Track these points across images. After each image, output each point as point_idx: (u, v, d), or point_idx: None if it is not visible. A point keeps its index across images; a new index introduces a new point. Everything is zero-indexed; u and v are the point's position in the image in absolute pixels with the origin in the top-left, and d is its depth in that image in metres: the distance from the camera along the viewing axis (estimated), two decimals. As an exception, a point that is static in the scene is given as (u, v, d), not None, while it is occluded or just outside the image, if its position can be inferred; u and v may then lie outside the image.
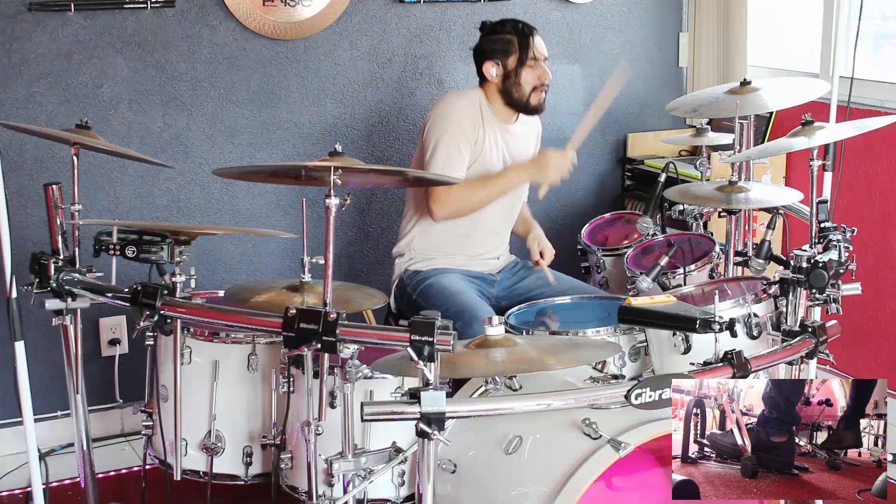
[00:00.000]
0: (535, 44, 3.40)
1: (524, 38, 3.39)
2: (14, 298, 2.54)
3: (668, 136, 4.15)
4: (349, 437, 2.44)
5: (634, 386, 2.03)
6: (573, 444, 2.29)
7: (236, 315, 2.40)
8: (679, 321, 2.24)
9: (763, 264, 3.17)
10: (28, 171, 3.65)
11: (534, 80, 3.39)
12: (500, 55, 3.39)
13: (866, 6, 3.69)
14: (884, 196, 3.96)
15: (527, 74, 3.38)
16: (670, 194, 3.08)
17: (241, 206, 4.00)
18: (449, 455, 2.48)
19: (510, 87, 3.39)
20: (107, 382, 3.23)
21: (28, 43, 3.59)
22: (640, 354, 2.86)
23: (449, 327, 2.03)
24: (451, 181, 2.93)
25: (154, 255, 2.49)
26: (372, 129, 4.15)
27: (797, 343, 2.36)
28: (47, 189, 2.68)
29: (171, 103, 3.82)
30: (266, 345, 2.76)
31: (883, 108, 3.89)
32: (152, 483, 3.10)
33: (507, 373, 2.55)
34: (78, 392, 2.79)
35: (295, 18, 3.92)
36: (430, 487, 2.03)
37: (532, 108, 3.43)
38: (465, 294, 3.26)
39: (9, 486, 3.51)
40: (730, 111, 3.13)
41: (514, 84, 3.39)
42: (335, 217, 2.28)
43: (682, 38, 4.63)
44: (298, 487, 2.69)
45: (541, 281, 3.49)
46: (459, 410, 2.04)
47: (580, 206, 4.52)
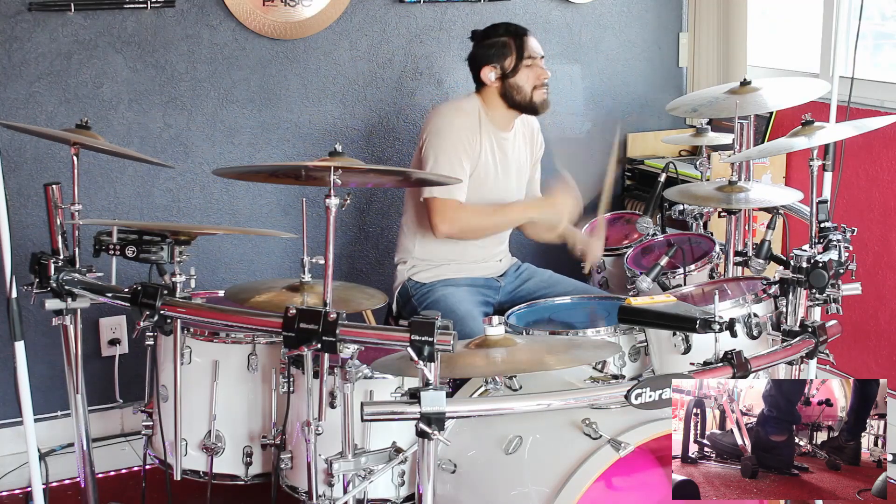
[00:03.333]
0: (530, 43, 3.39)
1: (519, 39, 3.38)
2: (14, 298, 2.53)
3: (668, 136, 4.15)
4: (349, 437, 2.44)
5: (634, 386, 2.03)
6: (573, 444, 2.30)
7: (236, 315, 2.40)
8: (679, 321, 2.24)
9: (763, 264, 3.17)
10: (28, 171, 3.65)
11: (534, 80, 3.37)
12: (497, 59, 3.38)
13: (866, 6, 3.69)
14: (884, 196, 3.96)
15: (526, 74, 3.37)
16: (670, 194, 3.08)
17: (241, 206, 4.00)
18: (449, 455, 2.48)
19: (510, 90, 3.38)
20: (107, 382, 3.24)
21: (28, 43, 3.59)
22: (640, 354, 2.86)
23: (449, 327, 2.03)
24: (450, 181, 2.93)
25: (154, 255, 2.49)
26: (372, 129, 4.15)
27: (797, 343, 2.37)
28: (47, 189, 2.68)
29: (171, 103, 3.82)
30: (266, 345, 2.76)
31: (883, 108, 3.89)
32: (152, 483, 3.10)
33: (507, 373, 2.55)
34: (78, 392, 2.79)
35: (295, 18, 3.92)
36: (430, 487, 2.03)
37: (537, 106, 3.41)
38: (471, 319, 3.21)
39: (9, 486, 3.51)
40: (730, 111, 3.13)
41: (514, 86, 3.37)
42: (335, 217, 2.28)
43: (682, 38, 4.63)
44: (298, 487, 2.69)
45: (544, 283, 3.49)
46: (459, 410, 2.04)
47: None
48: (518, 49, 3.37)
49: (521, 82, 3.37)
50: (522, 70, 3.37)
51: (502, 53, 3.38)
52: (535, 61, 3.38)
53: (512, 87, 3.38)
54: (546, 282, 3.49)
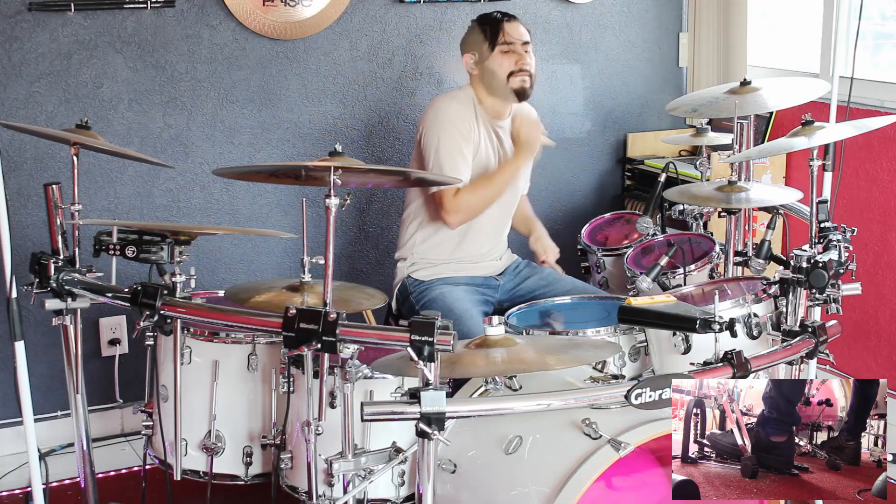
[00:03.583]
0: (509, 29, 3.37)
1: (495, 24, 3.38)
2: (14, 298, 2.53)
3: (668, 136, 4.15)
4: (349, 437, 2.44)
5: (634, 386, 2.03)
6: (573, 444, 2.30)
7: (236, 315, 2.40)
8: (679, 321, 2.24)
9: (763, 264, 3.16)
10: (28, 171, 3.65)
11: (509, 66, 3.35)
12: (475, 45, 3.39)
13: (866, 6, 3.68)
14: (884, 196, 3.96)
15: (500, 59, 3.34)
16: (670, 194, 3.08)
17: (241, 206, 4.00)
18: (449, 455, 2.48)
19: (486, 75, 3.37)
20: (107, 382, 3.24)
21: (28, 43, 3.59)
22: (640, 354, 2.86)
23: (449, 327, 2.03)
24: (451, 181, 2.93)
25: (154, 255, 2.49)
26: (372, 129, 4.15)
27: (797, 343, 2.37)
28: (47, 189, 2.68)
29: (171, 103, 3.82)
30: (266, 345, 2.76)
31: (883, 108, 3.89)
32: (152, 483, 3.10)
33: (507, 373, 2.55)
34: (78, 392, 2.79)
35: (295, 18, 3.92)
36: (430, 487, 2.03)
37: (514, 92, 3.37)
38: (470, 318, 3.21)
39: (9, 486, 3.51)
40: (730, 111, 3.13)
41: (488, 71, 3.36)
42: (335, 217, 2.28)
43: (682, 38, 4.63)
44: (298, 487, 2.69)
45: (543, 281, 3.49)
46: (459, 410, 2.04)
47: (580, 206, 4.52)
48: (493, 34, 3.36)
49: (494, 67, 3.36)
50: (498, 55, 3.35)
51: (477, 40, 3.39)
52: (512, 47, 3.35)
53: (488, 72, 3.37)
54: (545, 280, 3.49)
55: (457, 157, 3.30)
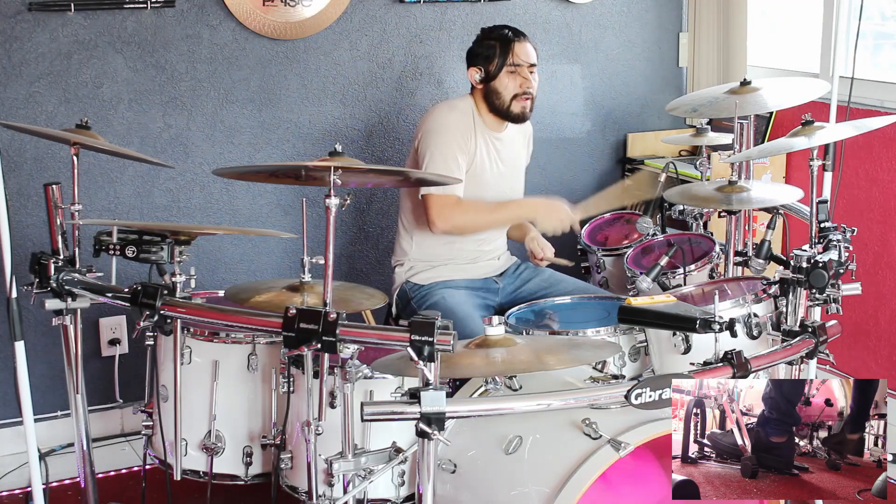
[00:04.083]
0: (518, 50, 3.36)
1: (505, 44, 3.36)
2: (14, 298, 2.53)
3: (668, 136, 4.15)
4: (349, 437, 2.43)
5: (634, 386, 2.03)
6: (573, 444, 2.29)
7: (236, 315, 2.40)
8: (679, 321, 2.24)
9: (763, 264, 3.17)
10: (28, 171, 3.65)
11: (514, 88, 3.35)
12: (483, 61, 3.38)
13: (866, 6, 3.68)
14: (884, 196, 3.96)
15: (506, 81, 3.35)
16: (670, 194, 3.08)
17: (241, 206, 4.00)
18: (449, 455, 2.48)
19: (491, 94, 3.37)
20: (107, 382, 3.24)
21: (28, 43, 3.59)
22: (640, 354, 2.86)
23: (449, 327, 2.03)
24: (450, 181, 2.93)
25: (154, 255, 2.49)
26: (372, 129, 4.15)
27: (797, 343, 2.36)
28: (47, 189, 2.68)
29: (171, 103, 3.82)
30: (266, 345, 2.76)
31: (883, 108, 3.89)
32: (152, 483, 3.10)
33: (507, 373, 2.55)
34: (78, 392, 2.79)
35: (295, 18, 3.92)
36: (430, 487, 2.03)
37: (513, 116, 3.39)
38: (472, 321, 3.20)
39: (9, 486, 3.51)
40: (730, 111, 3.13)
41: (494, 90, 3.37)
42: (335, 217, 2.28)
43: (682, 38, 4.63)
44: (298, 487, 2.69)
45: (545, 283, 3.48)
46: (459, 410, 2.04)
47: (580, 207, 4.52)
48: (502, 54, 3.35)
49: (500, 88, 3.36)
50: (504, 76, 3.35)
51: (487, 56, 3.37)
52: (519, 69, 3.36)
53: (492, 91, 3.37)
54: (546, 281, 3.49)
55: (451, 163, 3.29)
